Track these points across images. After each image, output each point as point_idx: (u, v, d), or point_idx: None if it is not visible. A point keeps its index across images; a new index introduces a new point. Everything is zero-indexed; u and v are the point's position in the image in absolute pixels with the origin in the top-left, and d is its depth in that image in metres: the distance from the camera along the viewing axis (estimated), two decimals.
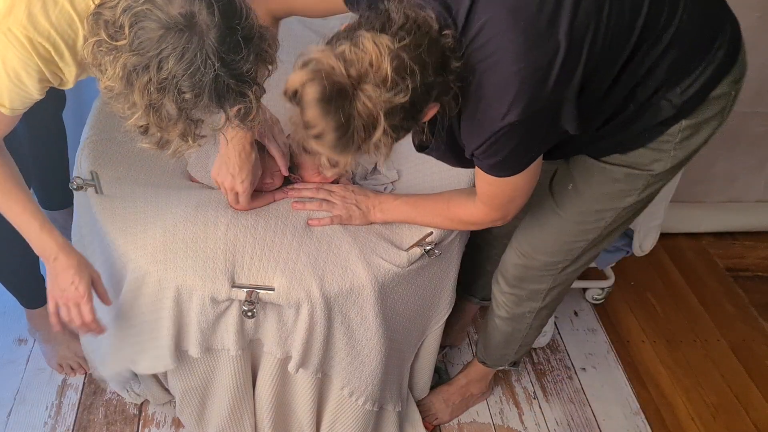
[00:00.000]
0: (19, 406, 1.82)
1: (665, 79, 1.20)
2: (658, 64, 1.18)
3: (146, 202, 1.48)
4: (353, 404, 1.57)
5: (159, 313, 1.41)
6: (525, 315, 1.65)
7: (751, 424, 2.07)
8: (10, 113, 1.19)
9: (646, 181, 1.33)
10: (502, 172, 1.20)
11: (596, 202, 1.38)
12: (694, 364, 2.22)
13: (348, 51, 0.97)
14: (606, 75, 1.16)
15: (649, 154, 1.30)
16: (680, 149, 1.29)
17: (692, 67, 1.21)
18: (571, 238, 1.46)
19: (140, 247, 1.39)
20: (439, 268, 1.59)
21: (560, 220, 1.44)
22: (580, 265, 1.54)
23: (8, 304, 1.98)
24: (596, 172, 1.35)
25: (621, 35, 1.12)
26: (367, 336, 1.47)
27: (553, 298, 1.62)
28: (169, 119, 1.08)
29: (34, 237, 1.35)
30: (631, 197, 1.36)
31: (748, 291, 2.51)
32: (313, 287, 1.37)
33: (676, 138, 1.27)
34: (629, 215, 1.43)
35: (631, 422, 2.02)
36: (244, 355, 1.48)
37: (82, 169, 1.53)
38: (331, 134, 0.99)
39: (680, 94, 1.21)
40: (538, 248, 1.50)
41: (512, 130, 1.09)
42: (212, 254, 1.37)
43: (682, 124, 1.25)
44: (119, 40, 1.02)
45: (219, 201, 1.50)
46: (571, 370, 2.13)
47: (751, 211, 2.68)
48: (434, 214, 1.46)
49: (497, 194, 1.29)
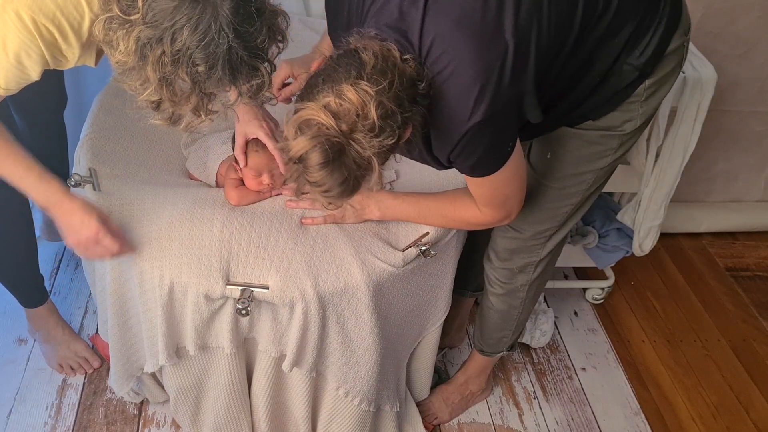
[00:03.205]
0: (19, 406, 1.82)
1: (623, 46, 1.26)
2: (613, 35, 1.25)
3: (143, 199, 1.49)
4: (349, 404, 1.57)
5: (154, 311, 1.42)
6: (518, 289, 1.67)
7: (752, 424, 2.06)
8: (3, 92, 1.19)
9: (620, 140, 1.40)
10: (484, 170, 1.24)
11: (575, 166, 1.44)
12: (695, 363, 2.22)
13: (334, 103, 1.04)
14: (559, 61, 1.21)
15: (619, 116, 1.36)
16: (647, 105, 1.36)
17: (644, 30, 1.27)
18: (556, 204, 1.50)
19: (136, 244, 1.40)
20: (436, 268, 1.59)
21: (544, 188, 1.48)
22: (567, 231, 1.58)
23: (8, 304, 1.99)
24: (572, 137, 1.40)
25: (564, 25, 1.18)
26: (361, 336, 1.47)
27: (543, 269, 1.65)
28: (182, 93, 1.09)
29: (34, 188, 1.33)
30: (608, 157, 1.42)
31: (748, 291, 2.50)
32: (308, 286, 1.37)
33: (642, 97, 1.34)
34: (607, 175, 1.50)
35: (631, 422, 2.02)
36: (238, 353, 1.48)
37: (80, 165, 1.54)
38: (336, 188, 1.08)
39: (639, 57, 1.28)
40: (525, 218, 1.52)
41: (480, 130, 1.14)
42: (207, 252, 1.38)
43: (646, 83, 1.32)
44: (132, 14, 1.02)
45: (215, 199, 1.51)
46: (571, 370, 2.13)
47: (751, 210, 2.67)
48: (438, 216, 1.47)
49: (491, 194, 1.32)
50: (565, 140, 1.41)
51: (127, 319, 1.53)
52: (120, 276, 1.45)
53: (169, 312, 1.40)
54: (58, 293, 2.12)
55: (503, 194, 1.32)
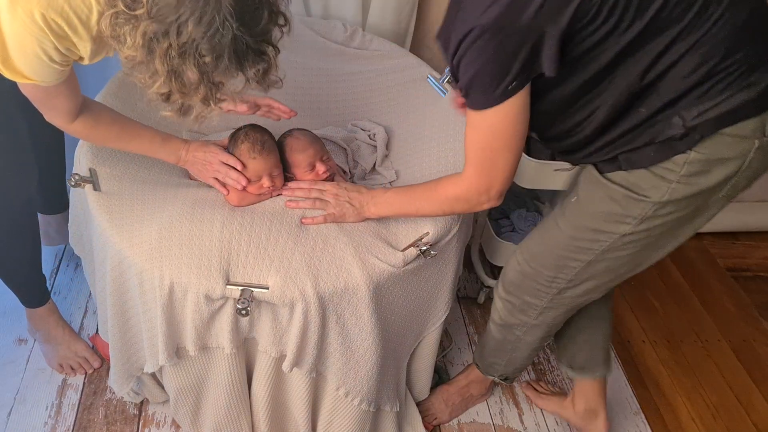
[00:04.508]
0: (19, 406, 1.82)
1: (689, 87, 1.14)
2: (684, 68, 1.12)
3: (143, 199, 1.49)
4: (349, 404, 1.57)
5: (154, 311, 1.42)
6: (515, 327, 1.64)
7: (752, 424, 2.06)
8: (44, 84, 1.22)
9: (642, 210, 1.27)
10: (479, 97, 1.17)
11: (593, 220, 1.35)
12: (695, 364, 2.22)
13: None
14: (607, 38, 1.11)
15: (650, 178, 1.23)
16: (683, 184, 1.21)
17: (721, 86, 1.13)
18: (565, 253, 1.42)
19: (136, 244, 1.40)
20: (436, 269, 1.59)
21: (558, 231, 1.42)
22: (577, 294, 1.49)
23: (8, 304, 1.99)
24: (599, 186, 1.32)
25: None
26: (362, 336, 1.47)
27: (547, 321, 1.58)
28: (190, 84, 1.10)
29: (163, 152, 1.51)
30: (626, 225, 1.30)
31: (749, 291, 2.50)
32: (308, 286, 1.37)
33: (681, 170, 1.20)
34: (624, 254, 1.36)
35: (631, 422, 2.02)
36: (239, 353, 1.48)
37: (80, 165, 1.54)
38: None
39: (696, 116, 1.15)
40: (534, 256, 1.49)
41: (482, 35, 1.08)
42: (207, 252, 1.38)
43: (690, 155, 1.18)
44: (137, 10, 1.04)
45: (215, 199, 1.51)
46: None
47: (751, 211, 2.67)
48: (423, 198, 1.43)
49: (480, 146, 1.25)
50: (592, 187, 1.34)
51: (127, 319, 1.53)
52: (120, 276, 1.45)
53: (169, 312, 1.40)
54: (58, 293, 2.12)
55: (491, 149, 1.23)
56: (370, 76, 1.97)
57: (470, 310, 2.29)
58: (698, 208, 1.27)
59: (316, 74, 1.96)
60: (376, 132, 1.86)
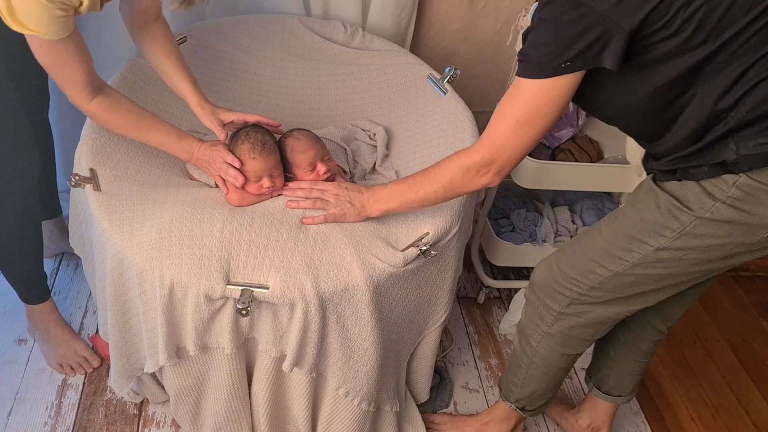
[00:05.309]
0: (19, 406, 1.82)
1: (750, 120, 1.14)
2: (753, 91, 1.13)
3: (143, 199, 1.49)
4: (349, 404, 1.57)
5: (154, 311, 1.42)
6: (531, 335, 1.61)
7: (752, 424, 2.06)
8: (49, 38, 1.25)
9: (681, 223, 1.25)
10: (529, 67, 1.19)
11: (633, 227, 1.33)
12: (695, 363, 2.22)
13: None
14: (678, 44, 1.13)
15: (698, 192, 1.22)
16: (728, 205, 1.19)
17: None
18: (596, 258, 1.40)
19: (136, 244, 1.40)
20: (436, 269, 1.59)
21: (598, 235, 1.40)
22: (598, 302, 1.46)
23: (9, 304, 1.99)
24: (649, 195, 1.31)
25: (732, 16, 1.10)
26: (362, 336, 1.47)
27: (562, 330, 1.54)
28: None
29: (177, 149, 1.53)
30: (664, 238, 1.28)
31: (748, 291, 2.51)
32: (308, 286, 1.37)
33: (729, 190, 1.18)
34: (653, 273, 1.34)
35: (631, 422, 2.02)
36: (239, 353, 1.48)
37: (80, 166, 1.54)
38: None
39: (755, 145, 1.14)
40: (566, 256, 1.47)
41: (550, 3, 1.13)
42: (207, 252, 1.38)
43: (741, 178, 1.17)
44: None
45: (216, 199, 1.51)
46: (571, 369, 2.13)
47: None
48: (425, 180, 1.41)
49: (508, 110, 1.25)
50: (643, 195, 1.33)
51: (127, 319, 1.53)
52: (120, 276, 1.45)
53: (170, 312, 1.40)
54: (58, 293, 2.12)
55: (516, 119, 1.24)
56: (370, 76, 1.97)
57: (470, 310, 2.29)
58: (735, 244, 1.25)
59: (316, 74, 1.96)
60: (376, 132, 1.87)
